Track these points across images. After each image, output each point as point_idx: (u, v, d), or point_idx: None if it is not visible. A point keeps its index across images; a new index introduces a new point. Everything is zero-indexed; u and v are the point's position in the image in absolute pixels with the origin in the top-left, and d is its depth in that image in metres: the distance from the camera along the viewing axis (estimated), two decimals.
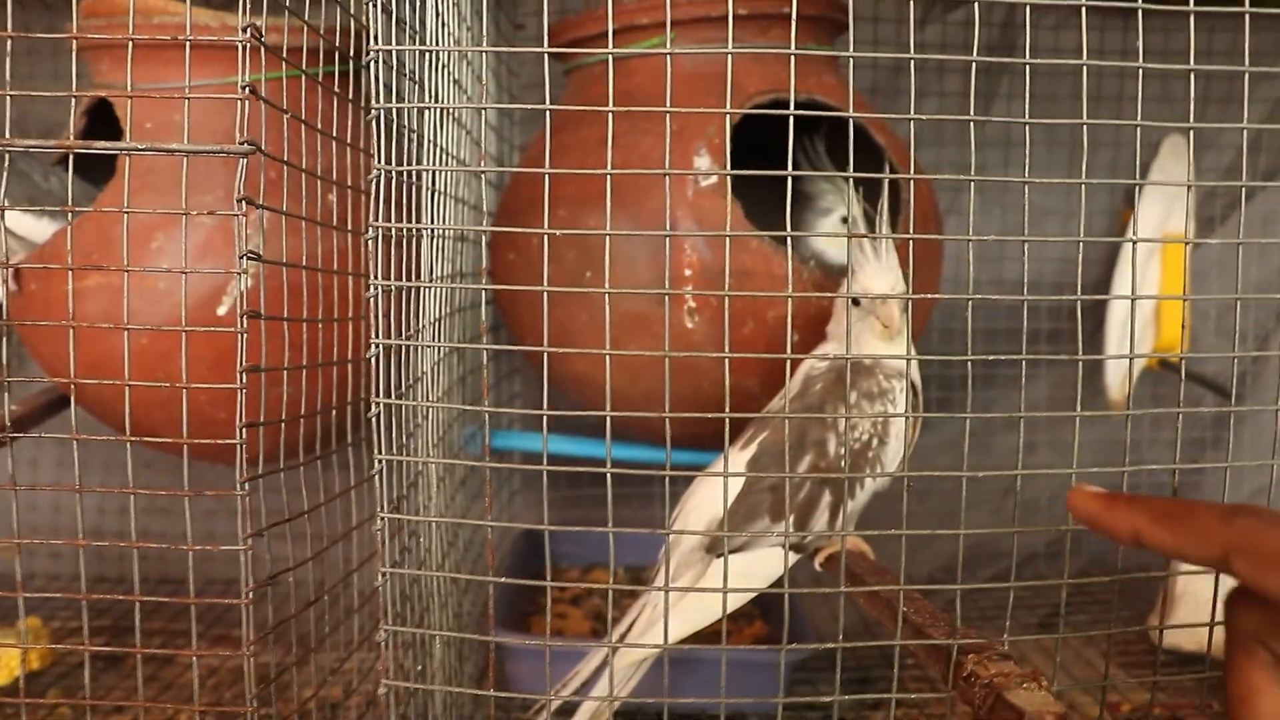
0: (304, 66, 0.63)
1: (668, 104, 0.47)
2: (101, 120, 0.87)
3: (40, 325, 0.85)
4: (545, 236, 0.46)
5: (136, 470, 0.66)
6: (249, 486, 0.51)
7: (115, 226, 0.80)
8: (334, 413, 0.71)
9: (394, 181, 0.50)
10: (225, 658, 0.84)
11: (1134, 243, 0.53)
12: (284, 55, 0.59)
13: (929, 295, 0.84)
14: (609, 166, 0.46)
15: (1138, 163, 0.55)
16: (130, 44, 0.57)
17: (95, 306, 0.78)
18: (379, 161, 0.51)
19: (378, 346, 0.48)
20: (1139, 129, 0.51)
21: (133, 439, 0.56)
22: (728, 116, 0.74)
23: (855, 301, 0.66)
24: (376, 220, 0.50)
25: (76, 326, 0.56)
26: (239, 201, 0.51)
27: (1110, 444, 1.20)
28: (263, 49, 0.60)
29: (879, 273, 0.66)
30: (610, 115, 0.47)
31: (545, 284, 0.46)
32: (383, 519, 0.49)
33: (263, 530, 0.53)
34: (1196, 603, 0.94)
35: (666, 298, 0.48)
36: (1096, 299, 1.20)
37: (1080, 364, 0.54)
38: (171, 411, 0.61)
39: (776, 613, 0.94)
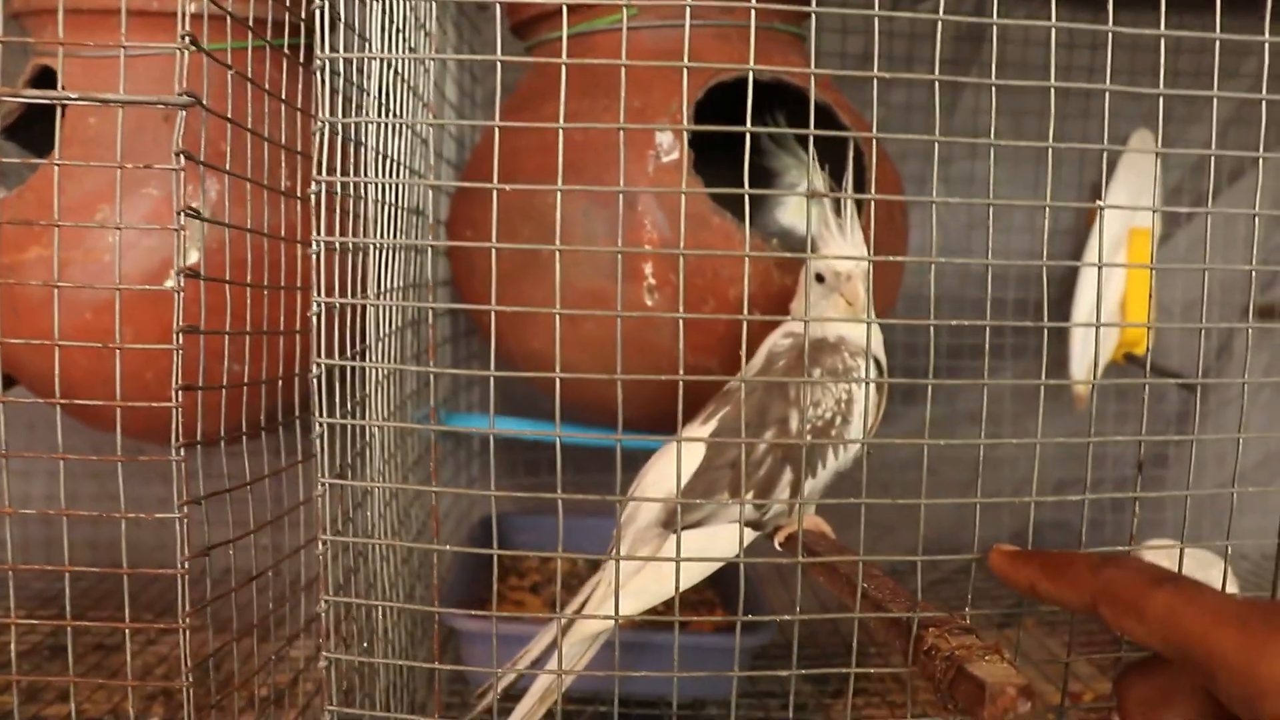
0: (249, 37, 0.61)
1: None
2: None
3: None
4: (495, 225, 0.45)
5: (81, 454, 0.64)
6: (184, 453, 0.49)
7: (58, 196, 0.78)
8: (280, 387, 0.69)
9: (339, 138, 0.48)
10: (174, 646, 0.81)
11: (1100, 259, 0.51)
12: (228, 18, 0.57)
13: (894, 258, 0.83)
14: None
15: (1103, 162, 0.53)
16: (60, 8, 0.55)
17: (36, 278, 0.76)
18: (319, 172, 0.48)
19: (319, 305, 0.46)
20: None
21: (64, 401, 0.54)
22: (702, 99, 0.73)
23: (819, 278, 0.65)
24: (322, 234, 0.47)
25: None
26: (177, 155, 0.48)
27: (1076, 433, 1.20)
28: (205, 16, 0.59)
29: (843, 249, 0.65)
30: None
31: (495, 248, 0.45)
32: (323, 484, 0.47)
33: (200, 499, 0.51)
34: None
35: (620, 272, 0.46)
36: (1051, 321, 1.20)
37: (1045, 346, 0.52)
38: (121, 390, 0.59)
39: (737, 601, 0.93)
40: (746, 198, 0.47)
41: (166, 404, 0.49)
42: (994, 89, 0.48)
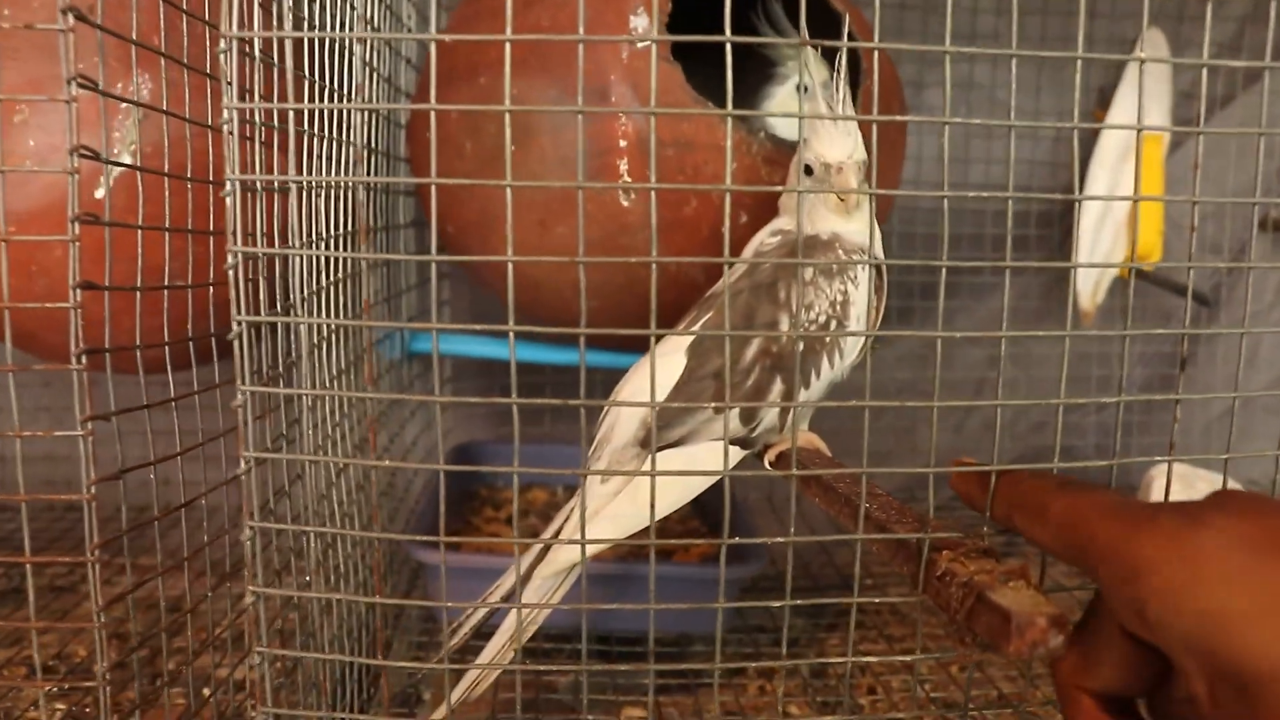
0: None
1: None
2: None
3: None
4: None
5: (35, 388, 0.58)
6: (85, 360, 0.42)
7: None
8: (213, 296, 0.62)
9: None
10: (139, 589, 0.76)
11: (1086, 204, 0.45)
12: None
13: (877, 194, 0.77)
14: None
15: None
16: None
17: None
18: (231, 99, 0.41)
19: (236, 256, 0.39)
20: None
21: None
22: None
23: (808, 170, 0.58)
24: (231, 103, 0.40)
25: None
26: (69, 83, 0.41)
27: (1079, 356, 1.14)
28: None
29: (835, 138, 0.58)
30: None
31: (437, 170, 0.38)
32: (245, 394, 0.40)
33: (110, 414, 0.45)
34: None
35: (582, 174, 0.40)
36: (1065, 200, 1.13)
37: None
38: (57, 319, 0.52)
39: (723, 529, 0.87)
40: (729, 83, 0.40)
41: (64, 304, 0.42)
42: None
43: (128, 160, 0.71)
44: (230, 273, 0.40)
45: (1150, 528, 0.33)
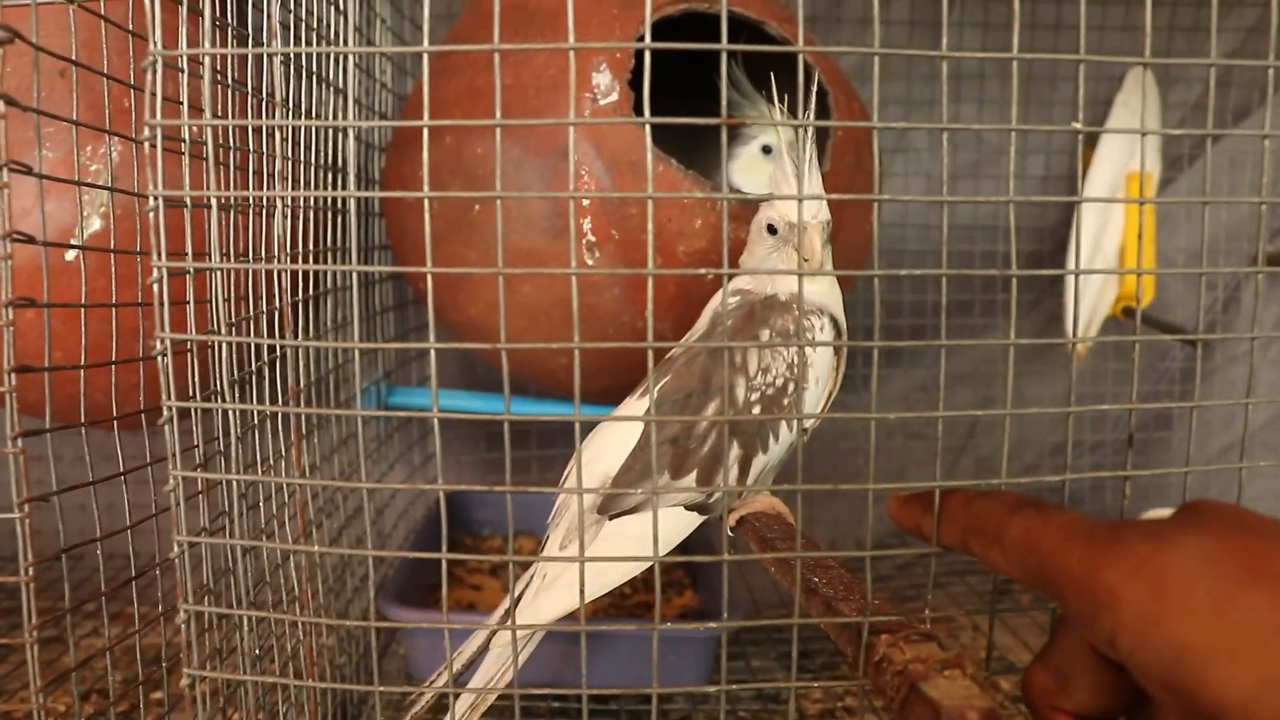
0: None
1: None
2: None
3: None
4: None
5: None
6: (22, 444, 0.42)
7: None
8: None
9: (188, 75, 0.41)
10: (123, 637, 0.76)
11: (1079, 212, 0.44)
12: None
13: (852, 196, 0.76)
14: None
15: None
16: None
17: None
18: (151, 115, 0.40)
19: (159, 271, 0.39)
20: (1082, 64, 0.42)
21: None
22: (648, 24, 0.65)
23: (771, 230, 0.58)
24: (158, 188, 0.40)
25: None
26: (1, 168, 0.42)
27: (1073, 396, 1.13)
28: None
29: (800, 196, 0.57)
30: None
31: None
32: (175, 478, 0.40)
33: (47, 495, 0.44)
34: None
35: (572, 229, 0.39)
36: (1033, 272, 1.12)
37: (1012, 332, 0.45)
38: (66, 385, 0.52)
39: (707, 582, 0.86)
40: (724, 129, 0.40)
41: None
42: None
43: (98, 224, 0.71)
44: (159, 359, 0.39)
45: (1115, 552, 0.32)
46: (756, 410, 0.56)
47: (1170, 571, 0.30)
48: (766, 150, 0.72)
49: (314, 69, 0.63)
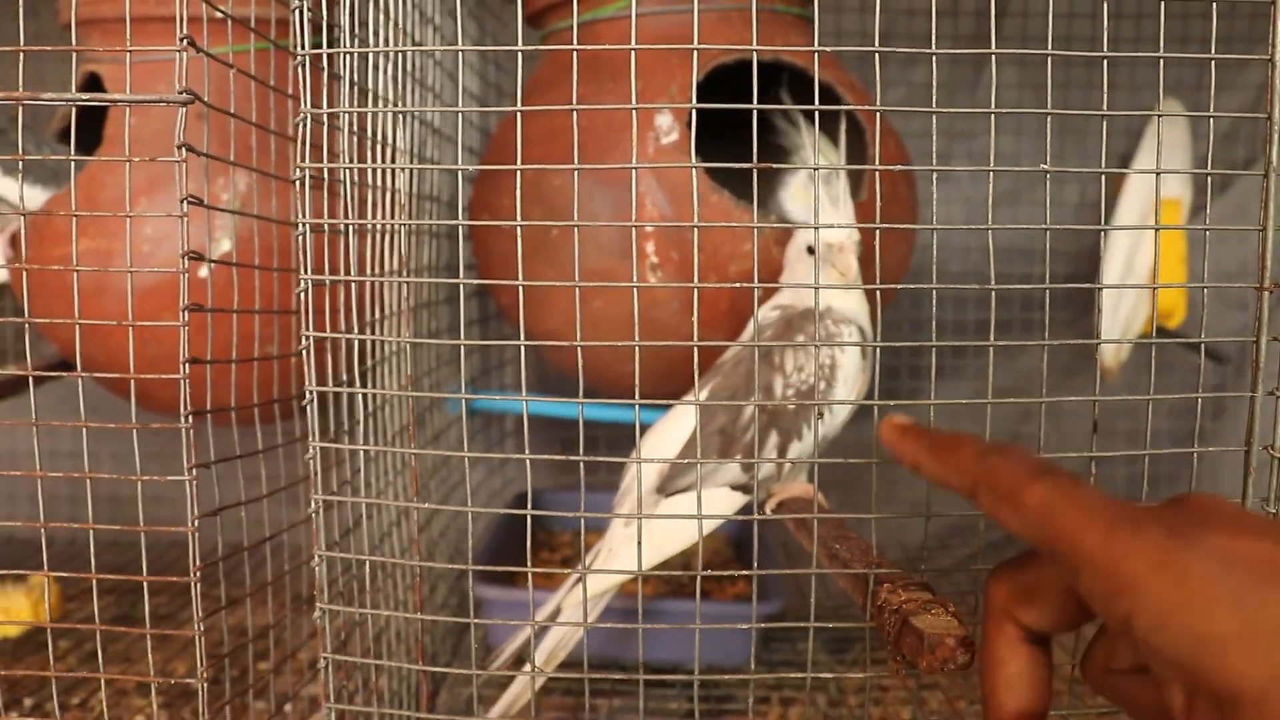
0: (250, 38, 0.65)
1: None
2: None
3: (32, 290, 0.88)
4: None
5: (142, 436, 0.69)
6: (193, 420, 0.53)
7: (102, 192, 0.83)
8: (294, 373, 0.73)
9: (323, 128, 0.51)
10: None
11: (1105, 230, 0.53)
12: (229, 21, 0.61)
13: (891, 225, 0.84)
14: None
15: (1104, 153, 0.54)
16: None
17: (82, 268, 0.81)
18: (299, 159, 0.51)
19: (305, 283, 0.50)
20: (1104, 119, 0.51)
21: (84, 374, 0.58)
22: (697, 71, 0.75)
23: (810, 250, 0.67)
24: (305, 216, 0.50)
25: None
26: (179, 148, 0.52)
27: (1107, 411, 1.20)
28: (204, 19, 0.63)
29: (832, 220, 0.67)
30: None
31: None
32: (314, 448, 0.50)
33: (210, 463, 0.55)
34: None
35: (631, 250, 0.49)
36: (1067, 286, 1.19)
37: (1045, 350, 0.54)
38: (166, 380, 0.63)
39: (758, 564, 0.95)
40: (755, 171, 0.49)
41: (175, 375, 0.53)
42: (993, 59, 0.49)
43: (227, 245, 0.82)
44: (302, 353, 0.50)
45: (1139, 540, 0.33)
46: (792, 407, 0.65)
47: (1196, 566, 0.31)
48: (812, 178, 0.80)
49: (423, 118, 0.74)
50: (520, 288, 0.47)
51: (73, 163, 0.57)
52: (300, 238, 0.49)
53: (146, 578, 0.54)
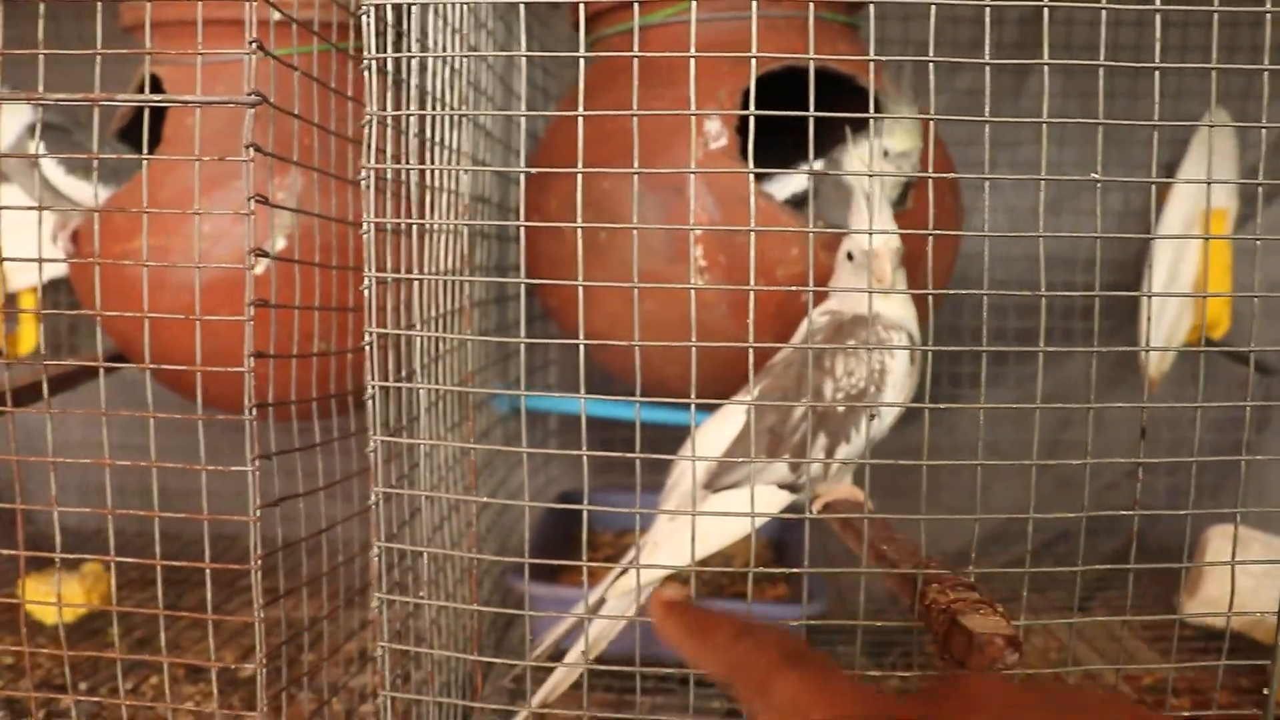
0: (314, 41, 0.66)
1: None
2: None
3: (97, 285, 0.89)
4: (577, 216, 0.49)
5: (185, 431, 0.71)
6: (256, 412, 0.54)
7: (160, 190, 0.85)
8: (351, 369, 0.75)
9: (387, 129, 0.53)
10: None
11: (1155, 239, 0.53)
12: (293, 24, 0.62)
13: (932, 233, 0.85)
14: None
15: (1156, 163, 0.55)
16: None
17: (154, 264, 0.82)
18: (368, 159, 0.52)
19: (370, 280, 0.51)
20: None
21: (152, 366, 0.60)
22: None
23: (850, 256, 0.68)
24: (371, 215, 0.52)
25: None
26: (246, 148, 0.54)
27: (1150, 421, 1.19)
28: (272, 23, 0.65)
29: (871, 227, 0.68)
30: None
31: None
32: (376, 442, 0.52)
33: (270, 454, 0.56)
34: (1223, 582, 0.94)
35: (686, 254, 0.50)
36: (1116, 294, 1.19)
37: (1095, 357, 0.54)
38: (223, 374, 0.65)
39: (798, 577, 0.96)
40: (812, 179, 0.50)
41: (239, 369, 0.54)
42: (1046, 69, 0.50)
43: (282, 243, 0.84)
44: (366, 348, 0.51)
45: None
46: (842, 409, 0.66)
47: None
48: (886, 154, 0.79)
49: (477, 121, 0.75)
50: (580, 288, 0.48)
51: (145, 161, 0.58)
52: (366, 236, 0.51)
53: (209, 564, 0.55)
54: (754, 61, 0.49)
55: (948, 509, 1.27)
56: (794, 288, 0.49)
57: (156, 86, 0.91)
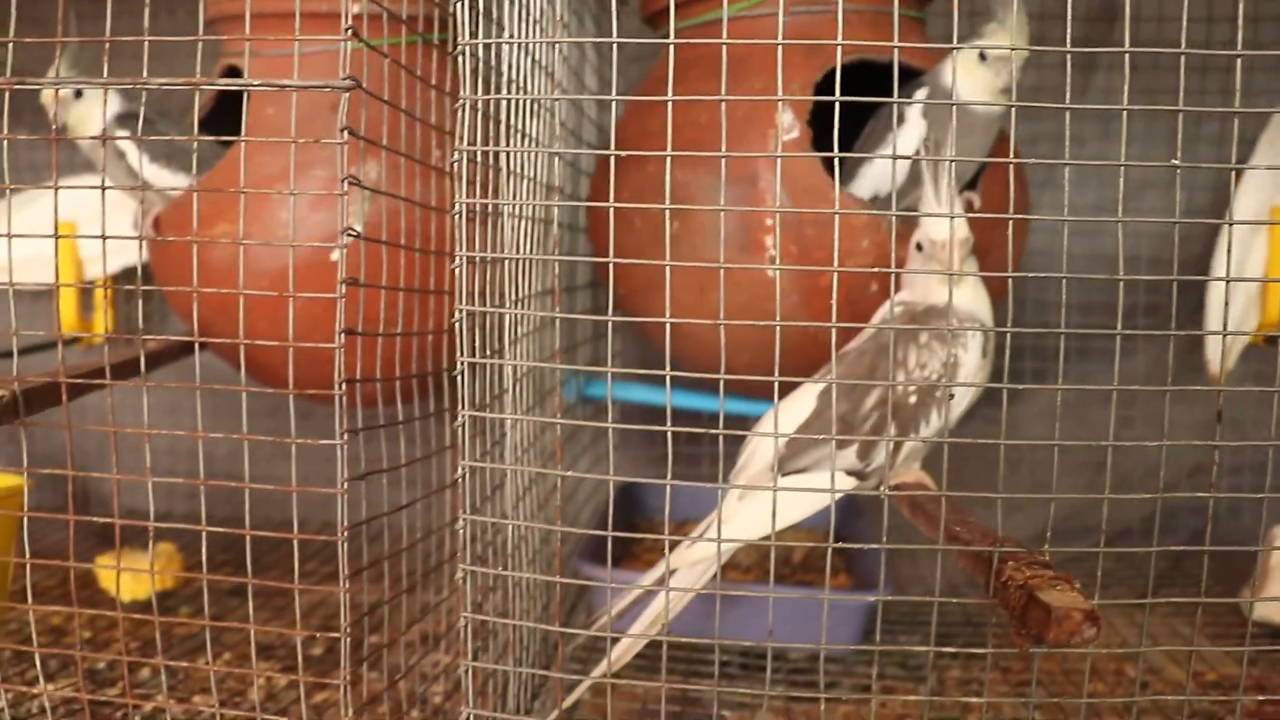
0: (403, 32, 0.68)
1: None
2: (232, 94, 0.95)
3: (174, 272, 0.92)
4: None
5: (260, 419, 0.73)
6: (348, 437, 0.56)
7: (239, 180, 0.87)
8: (430, 354, 0.76)
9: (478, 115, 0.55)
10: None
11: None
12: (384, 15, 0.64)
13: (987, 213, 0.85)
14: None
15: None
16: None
17: (224, 252, 0.85)
18: (461, 143, 0.54)
19: (461, 259, 0.53)
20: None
21: (246, 341, 0.62)
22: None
23: (919, 247, 0.69)
24: (463, 197, 0.53)
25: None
26: (341, 130, 0.55)
27: (1211, 422, 1.19)
28: (365, 15, 0.66)
29: (941, 220, 0.68)
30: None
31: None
32: (464, 416, 0.53)
33: (358, 429, 0.58)
34: None
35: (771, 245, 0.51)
36: (1193, 279, 1.18)
37: (1172, 340, 0.55)
38: (295, 357, 0.66)
39: (860, 566, 0.97)
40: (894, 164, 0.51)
41: (330, 345, 0.56)
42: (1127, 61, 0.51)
43: (358, 228, 0.86)
44: (456, 325, 0.53)
45: None
46: (913, 400, 0.67)
47: None
48: (983, 57, 0.78)
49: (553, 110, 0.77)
50: (667, 268, 0.50)
51: (242, 142, 0.60)
52: (457, 217, 0.52)
53: (297, 535, 0.57)
54: (839, 49, 0.50)
55: (1007, 506, 1.28)
56: (875, 269, 0.50)
57: (238, 77, 0.94)
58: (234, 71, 0.94)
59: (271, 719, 0.58)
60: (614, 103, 0.51)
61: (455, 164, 0.53)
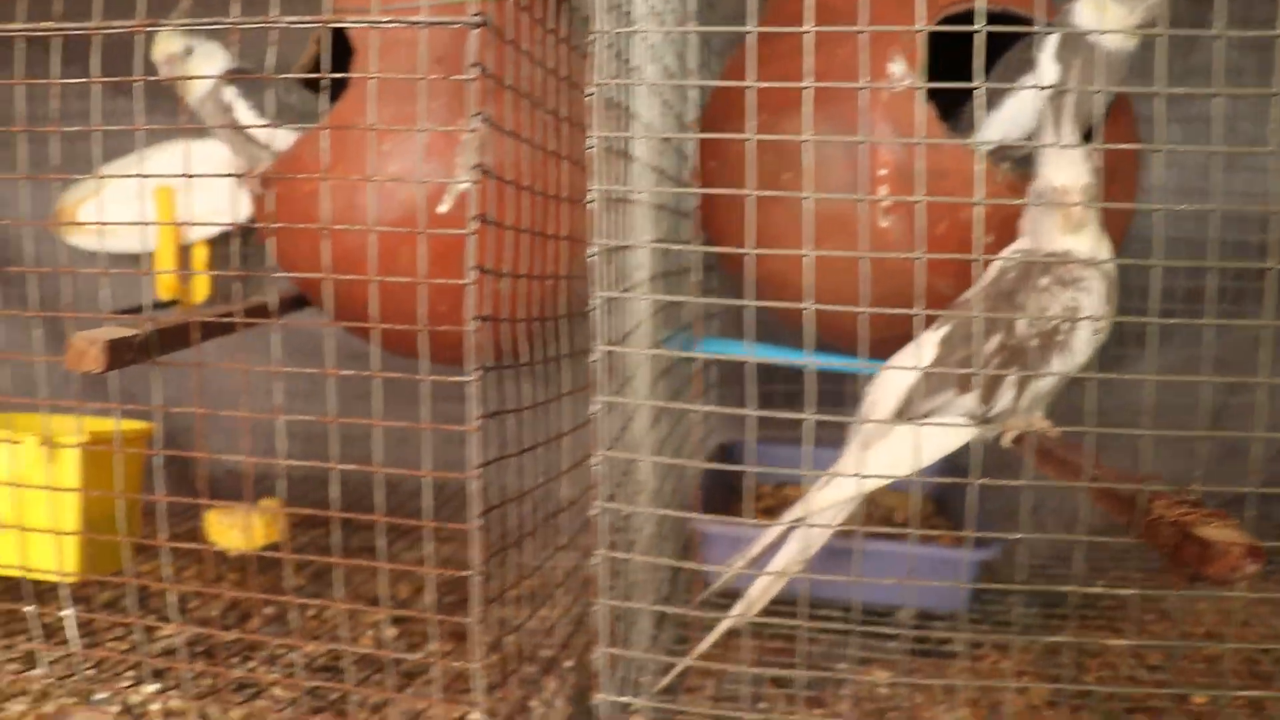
0: None
1: None
2: (336, 49, 0.95)
3: (284, 225, 0.93)
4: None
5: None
6: (479, 375, 0.56)
7: (349, 134, 0.88)
8: (544, 325, 0.77)
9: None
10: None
11: None
12: None
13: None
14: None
15: None
16: None
17: (337, 202, 0.85)
18: (595, 130, 0.54)
19: (598, 248, 0.53)
20: None
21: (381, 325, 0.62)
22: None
23: (1039, 195, 0.68)
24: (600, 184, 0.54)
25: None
26: (472, 66, 0.56)
27: None
28: None
29: (1061, 165, 0.67)
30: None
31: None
32: (600, 402, 0.54)
33: (492, 414, 0.58)
34: None
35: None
36: None
37: None
38: (402, 305, 0.67)
39: (956, 515, 0.96)
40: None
41: (461, 328, 0.57)
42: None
43: (466, 180, 0.87)
44: (591, 260, 0.53)
45: None
46: (1034, 344, 0.66)
47: None
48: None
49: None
50: (809, 199, 0.49)
51: (373, 79, 0.59)
52: (593, 205, 0.53)
53: (429, 523, 0.58)
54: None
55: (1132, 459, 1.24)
56: (1018, 200, 0.49)
57: (337, 43, 0.94)
58: (338, 34, 0.95)
59: (403, 655, 0.59)
60: (747, 34, 0.50)
61: (590, 150, 0.53)
